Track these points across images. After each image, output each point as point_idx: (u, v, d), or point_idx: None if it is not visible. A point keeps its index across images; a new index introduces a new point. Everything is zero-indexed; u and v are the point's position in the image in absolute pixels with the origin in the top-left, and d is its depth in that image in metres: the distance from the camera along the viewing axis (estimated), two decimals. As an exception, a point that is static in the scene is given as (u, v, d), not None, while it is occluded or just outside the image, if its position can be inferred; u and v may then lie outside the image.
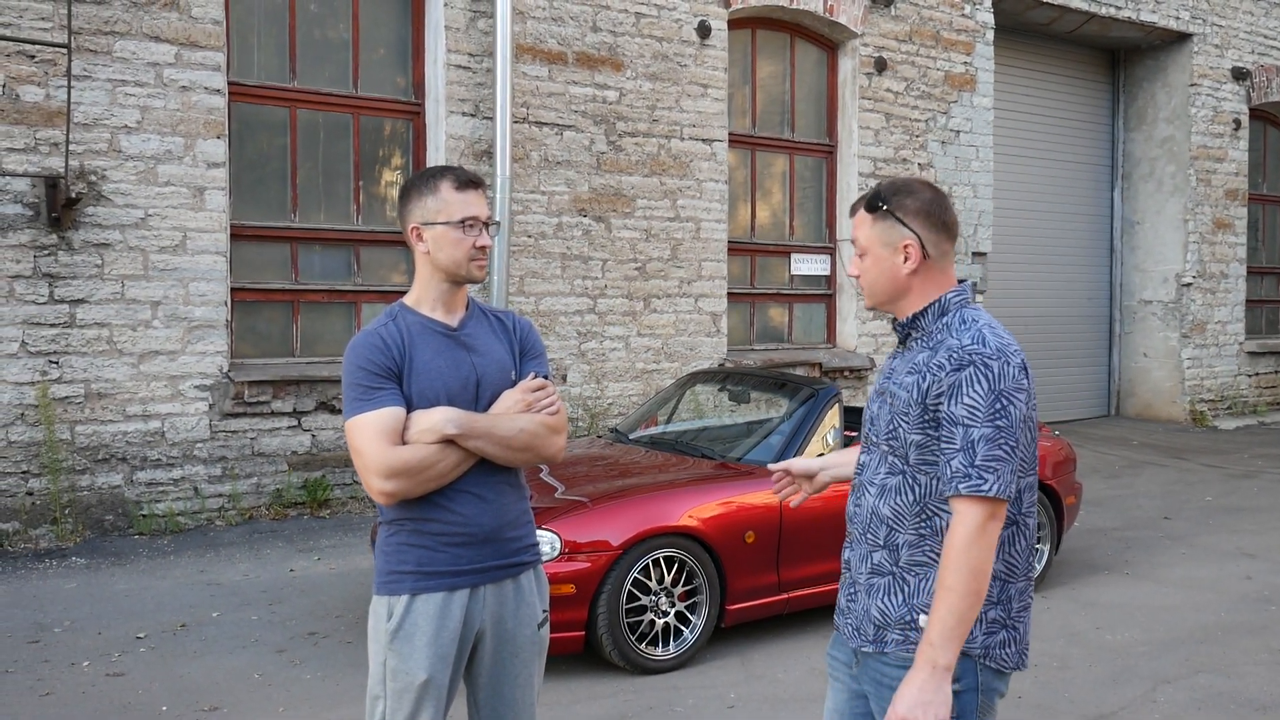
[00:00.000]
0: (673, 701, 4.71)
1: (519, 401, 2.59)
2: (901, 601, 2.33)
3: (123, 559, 6.79)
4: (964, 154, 11.72)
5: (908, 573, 2.34)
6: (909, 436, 2.32)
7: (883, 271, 2.39)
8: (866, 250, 2.41)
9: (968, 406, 2.22)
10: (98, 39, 7.20)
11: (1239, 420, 14.11)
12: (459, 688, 2.64)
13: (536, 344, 2.72)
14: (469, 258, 2.61)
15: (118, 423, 7.35)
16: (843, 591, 2.51)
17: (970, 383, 2.23)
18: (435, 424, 2.48)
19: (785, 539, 5.42)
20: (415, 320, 2.61)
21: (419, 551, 2.55)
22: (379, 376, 2.51)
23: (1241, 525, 8.26)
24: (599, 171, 9.27)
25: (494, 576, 2.60)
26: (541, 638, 2.69)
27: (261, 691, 4.74)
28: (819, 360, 10.59)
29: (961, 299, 2.40)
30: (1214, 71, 14.04)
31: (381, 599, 2.58)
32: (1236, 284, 14.55)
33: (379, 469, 2.45)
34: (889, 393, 2.39)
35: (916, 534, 2.33)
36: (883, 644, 2.35)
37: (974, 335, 2.29)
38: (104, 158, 7.25)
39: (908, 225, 2.36)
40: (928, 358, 2.32)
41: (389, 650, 2.54)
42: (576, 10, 9.10)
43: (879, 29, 10.98)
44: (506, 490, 2.62)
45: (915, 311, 2.40)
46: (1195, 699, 4.76)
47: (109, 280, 7.29)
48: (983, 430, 2.21)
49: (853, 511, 2.47)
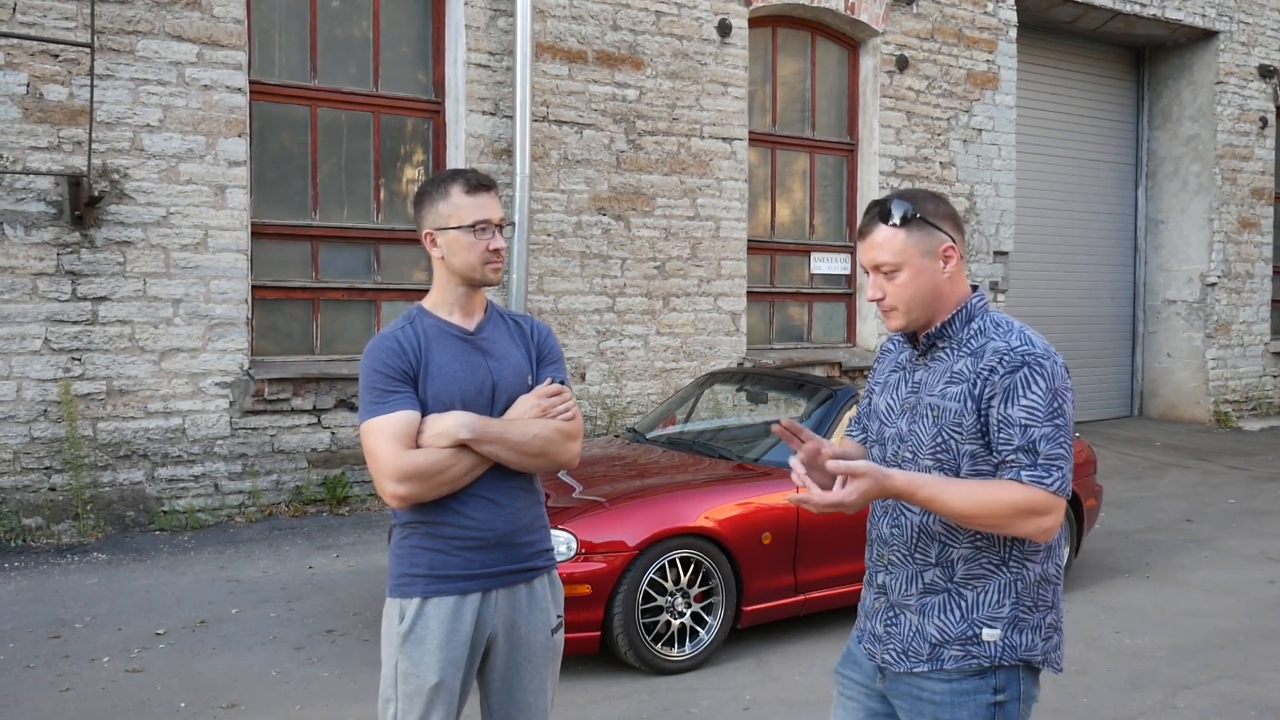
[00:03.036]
0: (688, 703, 4.70)
1: (534, 407, 2.58)
2: (960, 617, 2.29)
3: (143, 555, 6.84)
4: (986, 152, 11.65)
5: (964, 587, 2.30)
6: (962, 448, 2.26)
7: (925, 282, 2.30)
8: (901, 265, 2.29)
9: (1026, 408, 2.19)
10: (120, 38, 7.24)
11: (1264, 421, 13.98)
12: (470, 691, 2.64)
13: (554, 349, 2.72)
14: (483, 261, 2.61)
15: (139, 419, 7.40)
16: (875, 619, 2.42)
17: (1027, 383, 2.20)
18: (449, 428, 2.48)
19: (802, 540, 5.41)
20: (432, 324, 2.62)
21: (431, 555, 2.55)
22: (394, 380, 2.51)
23: (1265, 529, 8.19)
24: (618, 170, 9.26)
25: (506, 581, 2.60)
26: (555, 643, 2.69)
27: (279, 689, 4.76)
28: (839, 360, 10.55)
29: (984, 303, 2.37)
30: (1240, 69, 13.91)
31: (394, 601, 2.58)
32: (1262, 284, 14.41)
33: (392, 472, 2.45)
34: (929, 406, 2.30)
35: (972, 547, 2.29)
36: (939, 661, 2.30)
37: (1019, 336, 2.26)
38: (126, 156, 7.29)
39: (942, 229, 2.32)
40: (972, 364, 2.27)
41: (400, 653, 2.54)
42: (596, 9, 9.09)
43: (901, 27, 10.92)
44: (520, 495, 2.62)
45: (943, 321, 2.34)
46: (1216, 705, 4.72)
47: (131, 278, 7.34)
48: (1043, 430, 2.19)
49: (889, 534, 2.38)
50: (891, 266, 2.30)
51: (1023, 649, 2.29)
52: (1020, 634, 2.29)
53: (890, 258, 2.30)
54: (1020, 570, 2.30)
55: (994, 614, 2.28)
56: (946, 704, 2.30)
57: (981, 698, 2.29)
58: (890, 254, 2.30)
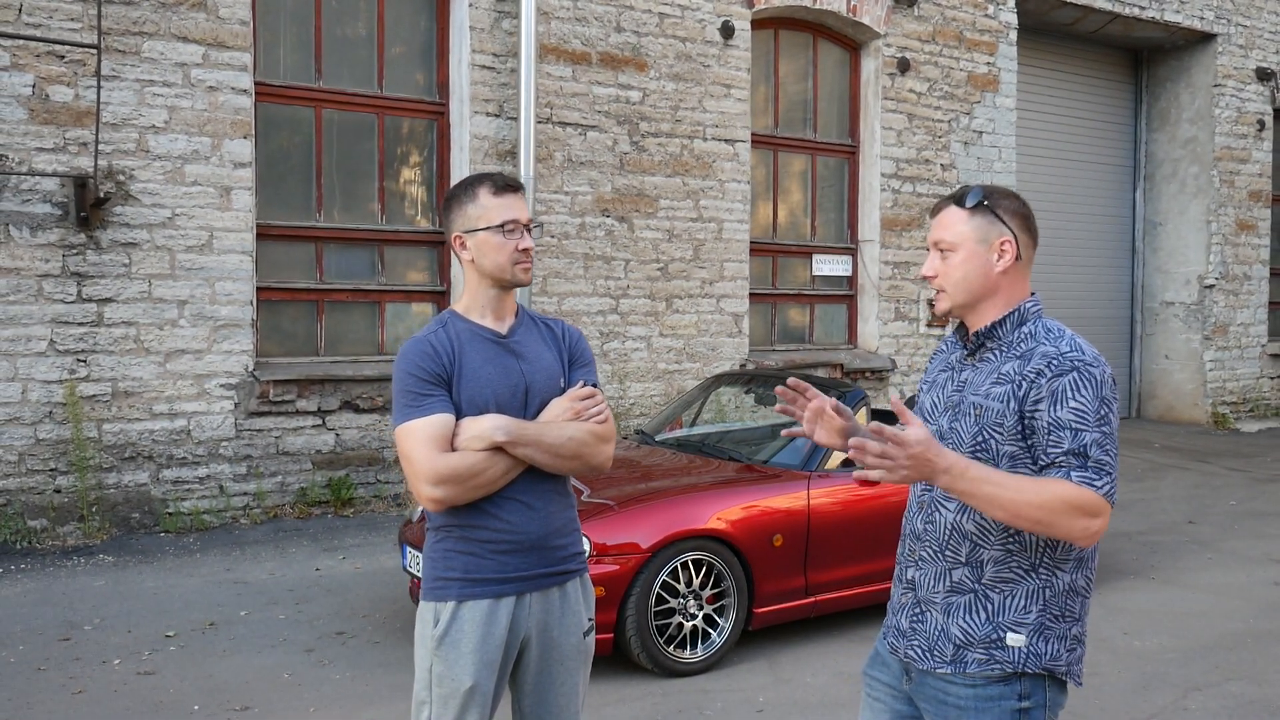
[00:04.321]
0: (702, 705, 4.71)
1: (568, 410, 2.59)
2: (985, 619, 2.29)
3: (150, 557, 6.83)
4: (986, 155, 11.68)
5: (991, 590, 2.30)
6: (1002, 449, 2.26)
7: (975, 268, 2.34)
8: (957, 246, 2.35)
9: (1075, 411, 2.20)
10: (126, 39, 7.23)
11: (1261, 423, 14.03)
12: (504, 694, 2.64)
13: (585, 352, 2.72)
14: (513, 261, 2.61)
15: (144, 421, 7.39)
16: (902, 613, 2.43)
17: (1076, 388, 2.21)
18: (484, 431, 2.49)
19: (813, 542, 5.42)
20: (465, 327, 2.62)
21: (466, 558, 2.55)
22: (429, 383, 2.51)
23: (1267, 530, 8.22)
24: (622, 172, 9.27)
25: (540, 584, 2.60)
26: (587, 646, 2.69)
27: (292, 691, 4.76)
28: (840, 361, 10.57)
29: (1038, 309, 2.37)
30: (1238, 72, 13.96)
31: (428, 605, 2.58)
32: (1260, 286, 14.46)
33: (428, 475, 2.45)
34: (972, 405, 2.32)
35: (1003, 549, 2.29)
36: (963, 664, 2.30)
37: (1070, 343, 2.28)
38: (132, 158, 7.28)
39: (1006, 223, 2.34)
40: (1019, 366, 2.27)
41: (435, 656, 2.54)
42: (600, 11, 9.10)
43: (902, 29, 10.95)
44: (554, 498, 2.62)
45: (994, 320, 2.35)
46: (1227, 707, 4.74)
47: (136, 279, 7.33)
48: (1093, 434, 2.19)
49: (922, 529, 2.39)
50: (948, 246, 2.37)
51: (1047, 658, 2.28)
52: (1045, 642, 2.29)
53: (949, 236, 2.36)
54: (1050, 578, 2.30)
55: (1020, 619, 2.28)
56: (971, 709, 2.30)
57: (1006, 704, 2.29)
58: (950, 234, 2.36)
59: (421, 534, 5.34)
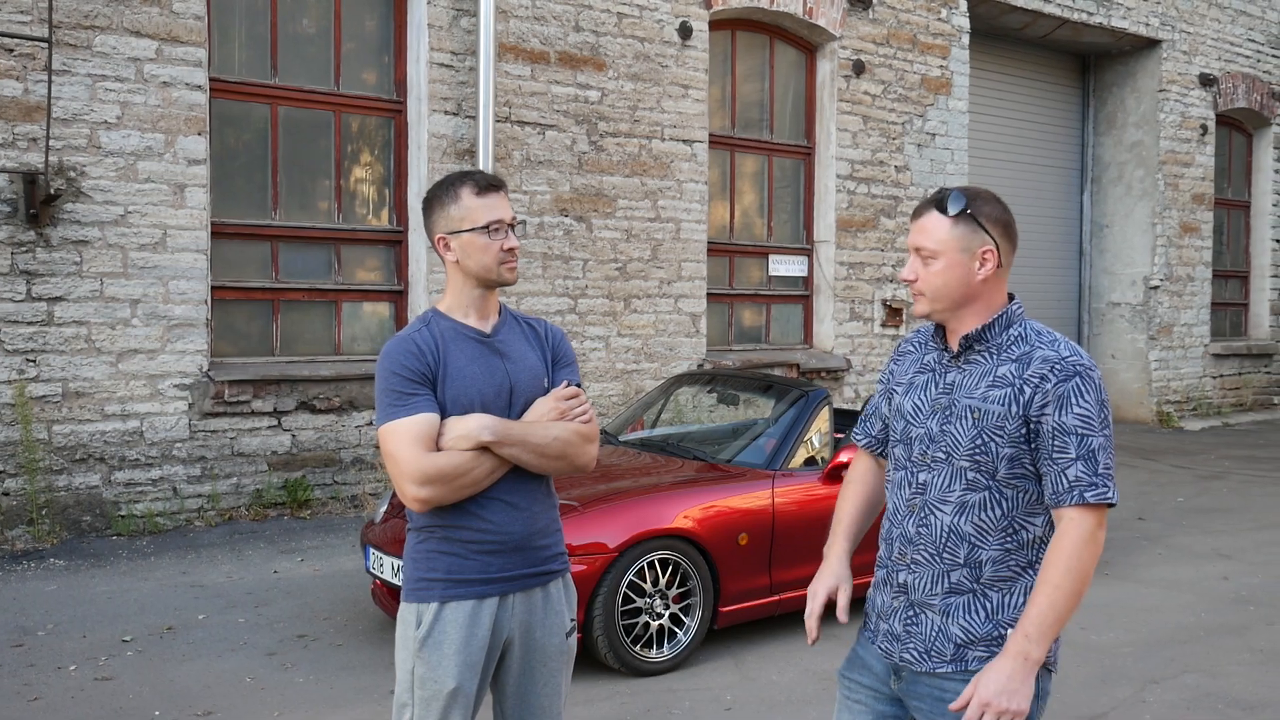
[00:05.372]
0: (669, 704, 4.71)
1: (553, 409, 2.57)
2: (985, 618, 2.31)
3: (102, 560, 6.70)
4: (939, 157, 11.81)
5: (990, 589, 2.32)
6: (1002, 451, 2.28)
7: (956, 276, 2.34)
8: (939, 254, 2.35)
9: (1080, 416, 2.23)
10: (78, 33, 7.09)
11: (1204, 421, 14.33)
12: (485, 695, 2.63)
13: (568, 352, 2.71)
14: (498, 261, 2.60)
15: (96, 422, 7.25)
16: (894, 617, 2.43)
17: (1079, 393, 2.24)
18: (471, 430, 2.47)
19: (777, 541, 5.44)
20: (449, 326, 2.60)
21: (449, 559, 2.54)
22: (413, 382, 2.49)
23: (1214, 526, 8.39)
24: (580, 171, 9.25)
25: (523, 585, 2.59)
26: (569, 646, 2.68)
27: (255, 696, 4.70)
28: (796, 361, 10.63)
29: (1022, 311, 2.40)
30: (1182, 77, 14.24)
31: (410, 606, 2.56)
32: (1202, 287, 14.77)
33: (414, 475, 2.43)
34: (968, 408, 2.32)
35: (1002, 549, 2.31)
36: (964, 662, 2.32)
37: (1068, 347, 2.31)
38: (83, 154, 7.14)
39: (988, 232, 2.35)
40: (1017, 370, 2.29)
41: (417, 658, 2.52)
42: (559, 10, 9.08)
43: (857, 32, 11.04)
44: (538, 498, 2.61)
45: (982, 324, 2.36)
46: (1184, 699, 4.83)
47: (88, 278, 7.19)
48: (1098, 439, 2.23)
49: (915, 534, 2.39)
50: (930, 253, 2.36)
51: None
52: None
53: (931, 244, 2.36)
54: None
55: (1018, 615, 2.30)
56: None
57: None
58: (932, 241, 2.36)
59: (384, 536, 5.30)
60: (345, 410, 8.18)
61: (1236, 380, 15.44)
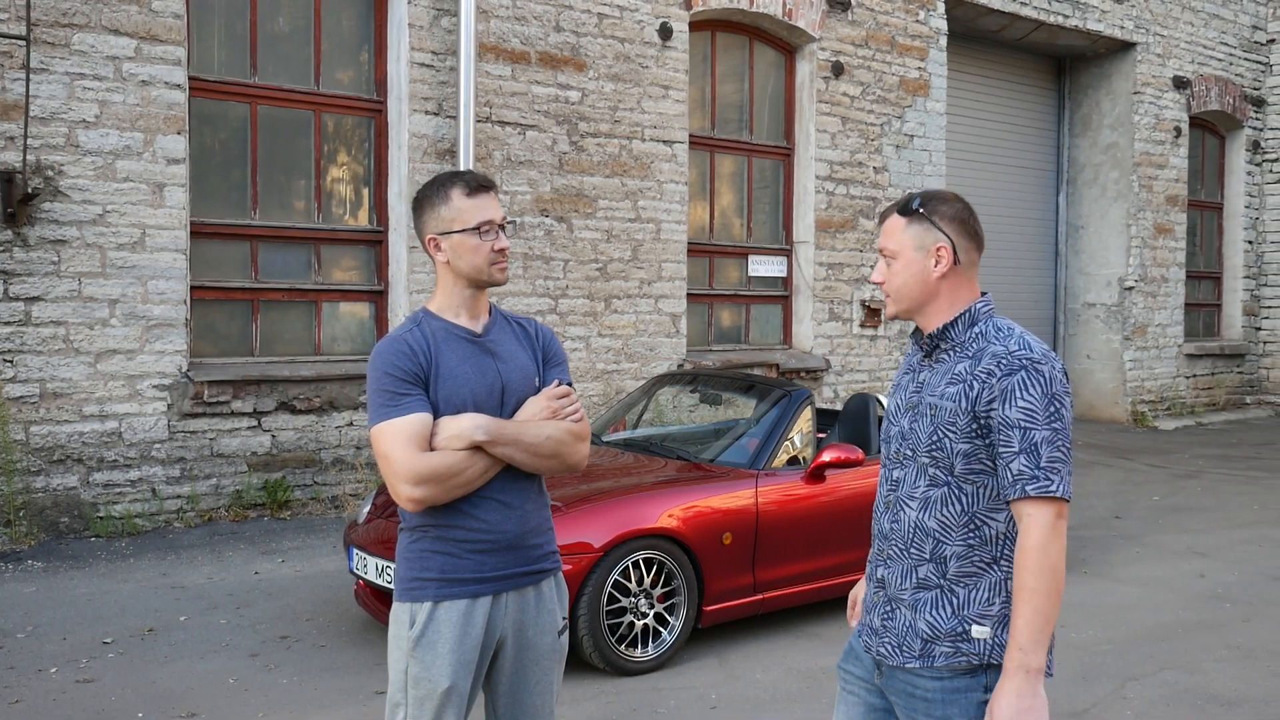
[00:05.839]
0: (655, 703, 4.73)
1: (544, 408, 2.58)
2: (951, 613, 2.34)
3: (81, 562, 6.65)
4: (918, 158, 11.87)
5: (956, 584, 2.35)
6: (956, 447, 2.32)
7: (913, 275, 2.41)
8: (898, 254, 2.42)
9: (1024, 410, 2.25)
10: (56, 31, 7.03)
11: (1178, 421, 14.46)
12: (478, 695, 2.63)
13: (558, 351, 2.72)
14: (489, 262, 2.61)
15: (74, 423, 7.20)
16: (874, 611, 2.48)
17: (1023, 387, 2.26)
18: (464, 430, 2.47)
19: (761, 540, 5.46)
20: (440, 326, 2.60)
21: (442, 558, 2.54)
22: (406, 382, 2.49)
23: (1189, 524, 8.48)
24: (561, 172, 9.25)
25: (516, 584, 2.59)
26: (561, 645, 2.69)
27: (239, 697, 4.68)
28: (776, 361, 10.67)
29: (989, 309, 2.44)
30: (1156, 80, 14.37)
31: (404, 606, 2.56)
32: (1176, 288, 14.91)
33: (408, 475, 2.43)
34: (927, 405, 2.38)
35: (965, 544, 2.34)
36: (930, 658, 2.35)
37: (1018, 341, 2.33)
38: (61, 153, 7.09)
39: (941, 229, 2.40)
40: (970, 366, 2.34)
41: (411, 657, 2.52)
42: (539, 10, 9.07)
43: (836, 33, 11.09)
44: (530, 497, 2.62)
45: (945, 322, 2.41)
46: (1164, 696, 4.88)
47: (65, 278, 7.14)
48: (1042, 433, 2.24)
49: (889, 528, 2.45)
50: (890, 253, 2.45)
51: None
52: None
53: (891, 245, 2.45)
54: (1010, 569, 2.36)
55: (984, 611, 2.34)
56: (938, 701, 2.36)
57: (973, 696, 2.35)
58: (892, 241, 2.45)
59: (369, 536, 5.29)
60: (325, 411, 8.15)
61: (1210, 380, 15.59)
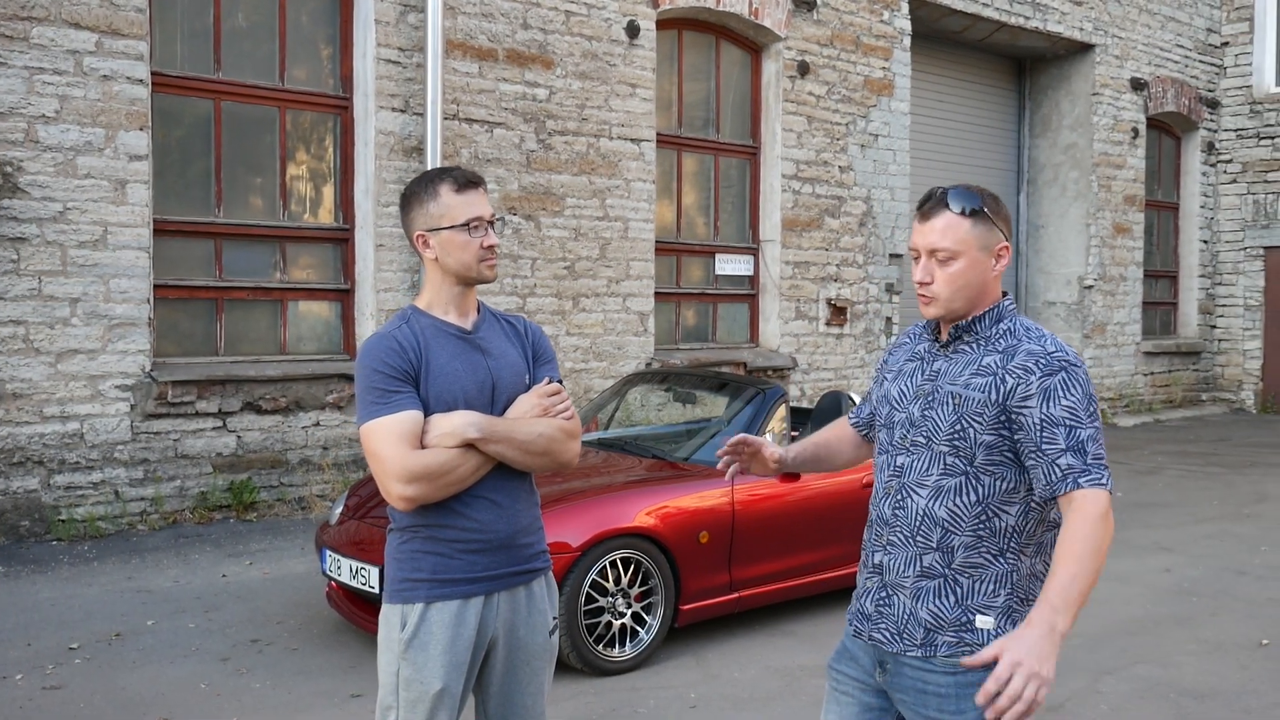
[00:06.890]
0: (634, 703, 4.70)
1: (535, 406, 2.55)
2: (955, 603, 2.34)
3: (43, 566, 6.52)
4: (882, 157, 11.94)
5: (961, 574, 2.34)
6: (980, 437, 2.32)
7: (977, 274, 2.37)
8: (960, 253, 2.35)
9: (1068, 409, 2.26)
10: (14, 24, 6.89)
11: (1136, 418, 14.66)
12: (469, 696, 2.59)
13: (548, 349, 2.70)
14: (479, 259, 2.57)
15: (34, 424, 7.06)
16: (868, 597, 2.47)
17: (1065, 387, 2.27)
18: (456, 427, 2.44)
19: (737, 538, 5.45)
20: (429, 323, 2.56)
21: (434, 559, 2.50)
22: (396, 380, 2.45)
23: (1153, 520, 8.58)
24: (529, 170, 9.21)
25: (508, 584, 2.56)
26: (552, 645, 2.66)
27: (211, 702, 4.60)
28: (743, 359, 10.68)
29: (1014, 307, 2.45)
30: (1114, 81, 14.55)
31: (394, 607, 2.51)
32: (1134, 287, 15.11)
33: (399, 474, 2.39)
34: (947, 394, 2.37)
35: (974, 535, 2.34)
36: (932, 647, 2.34)
37: (1053, 343, 2.34)
38: (20, 148, 6.95)
39: (1001, 229, 2.39)
40: (1001, 361, 2.33)
41: (402, 659, 2.48)
42: (507, 7, 9.02)
43: (802, 33, 11.12)
44: (521, 496, 2.58)
45: (973, 316, 2.41)
46: (1137, 689, 4.93)
47: (25, 276, 6.99)
48: (1087, 430, 2.26)
49: (891, 515, 2.43)
50: (948, 254, 2.35)
51: None
52: (1014, 625, 2.33)
53: (950, 245, 2.35)
54: (1016, 562, 2.36)
55: (988, 603, 2.34)
56: (951, 696, 2.34)
57: None
58: (951, 241, 2.35)
59: (342, 538, 5.22)
60: (292, 411, 8.05)
61: (1167, 378, 15.81)
